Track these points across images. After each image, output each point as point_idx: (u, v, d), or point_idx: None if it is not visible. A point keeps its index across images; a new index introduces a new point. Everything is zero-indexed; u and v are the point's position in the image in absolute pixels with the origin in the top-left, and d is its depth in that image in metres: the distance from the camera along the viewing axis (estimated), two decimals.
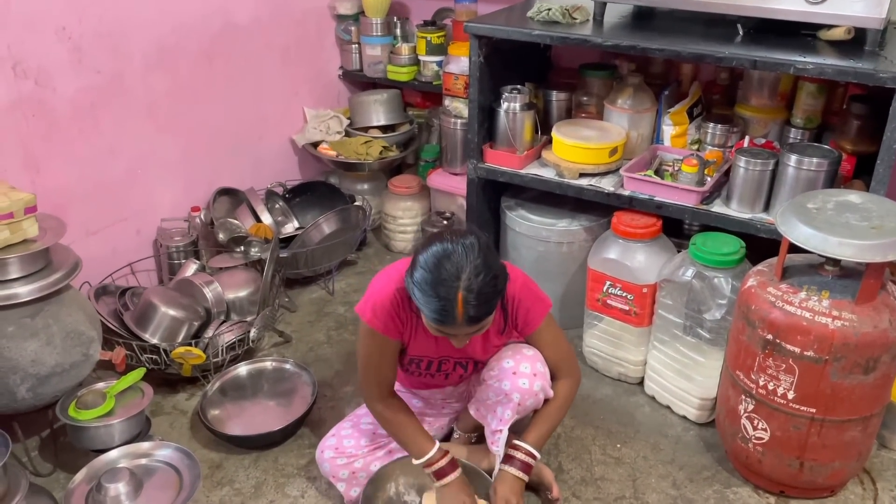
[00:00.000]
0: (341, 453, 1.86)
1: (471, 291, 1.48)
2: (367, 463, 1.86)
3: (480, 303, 1.49)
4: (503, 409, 1.78)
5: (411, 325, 1.72)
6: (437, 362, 1.83)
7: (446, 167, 3.04)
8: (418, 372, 1.86)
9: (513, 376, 1.76)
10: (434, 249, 1.52)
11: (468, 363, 1.86)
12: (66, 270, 1.94)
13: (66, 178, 2.35)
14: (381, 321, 1.68)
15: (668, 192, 2.24)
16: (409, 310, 1.69)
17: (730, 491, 1.96)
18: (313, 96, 3.25)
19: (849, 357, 1.68)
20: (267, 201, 2.91)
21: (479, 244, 1.52)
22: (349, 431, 1.90)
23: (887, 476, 2.01)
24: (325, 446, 1.88)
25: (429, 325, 1.60)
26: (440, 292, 1.48)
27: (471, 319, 1.51)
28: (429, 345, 1.77)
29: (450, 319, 1.50)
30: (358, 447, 1.87)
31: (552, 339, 1.81)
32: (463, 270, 1.48)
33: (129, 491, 1.75)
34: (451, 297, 1.47)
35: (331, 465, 1.85)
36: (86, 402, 1.92)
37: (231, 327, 2.35)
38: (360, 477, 1.86)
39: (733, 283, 2.03)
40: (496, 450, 1.79)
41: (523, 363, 1.77)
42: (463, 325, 1.52)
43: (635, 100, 2.46)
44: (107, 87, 2.39)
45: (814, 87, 2.29)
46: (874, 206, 1.75)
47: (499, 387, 1.78)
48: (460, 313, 1.49)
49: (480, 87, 2.46)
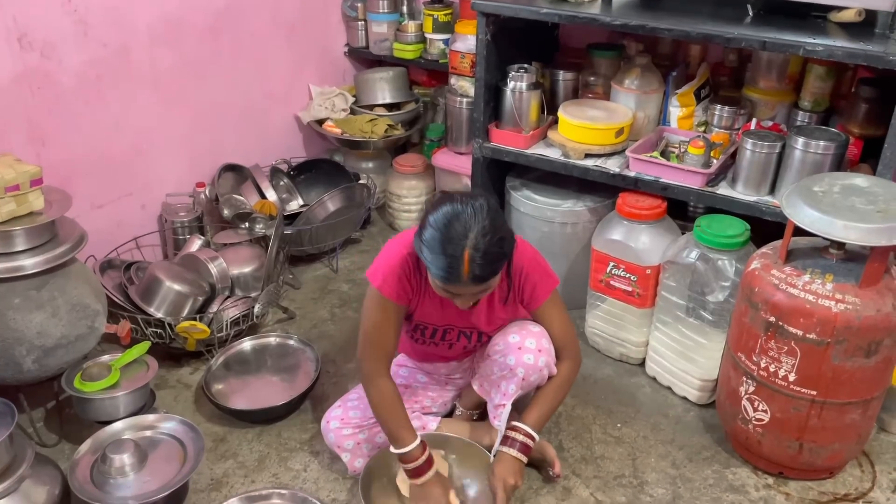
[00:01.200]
0: (347, 423, 1.87)
1: (477, 250, 1.50)
2: (371, 435, 1.87)
3: (486, 262, 1.52)
4: (507, 383, 1.80)
5: (419, 290, 1.75)
6: (441, 331, 1.85)
7: (451, 146, 3.03)
8: (423, 340, 1.88)
9: (518, 351, 1.77)
10: (444, 209, 1.55)
11: (472, 333, 1.87)
12: (72, 243, 1.95)
13: (71, 152, 2.35)
14: (389, 285, 1.71)
15: (673, 174, 2.24)
16: (418, 275, 1.72)
17: (729, 471, 1.98)
18: (319, 73, 3.23)
19: (851, 340, 1.69)
20: (272, 178, 2.91)
21: (487, 206, 1.55)
22: (355, 403, 1.91)
23: (886, 459, 2.02)
24: (330, 416, 1.90)
25: (435, 286, 1.63)
26: (447, 250, 1.51)
27: (476, 278, 1.53)
28: (434, 311, 1.79)
29: (455, 277, 1.53)
30: (364, 419, 1.88)
31: (557, 316, 1.82)
32: (471, 230, 1.51)
33: (133, 462, 1.77)
34: (458, 254, 1.50)
35: (336, 436, 1.87)
36: (91, 374, 1.94)
37: (235, 303, 2.36)
38: (365, 448, 1.87)
39: (737, 265, 2.03)
40: (498, 424, 1.80)
41: (529, 339, 1.79)
42: (468, 284, 1.55)
43: (642, 80, 2.45)
44: (112, 61, 2.39)
45: (822, 70, 2.27)
46: (881, 190, 1.75)
47: (503, 362, 1.79)
48: (466, 271, 1.51)
49: (487, 65, 2.44)
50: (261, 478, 1.95)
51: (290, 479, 1.94)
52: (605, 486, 1.92)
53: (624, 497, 1.90)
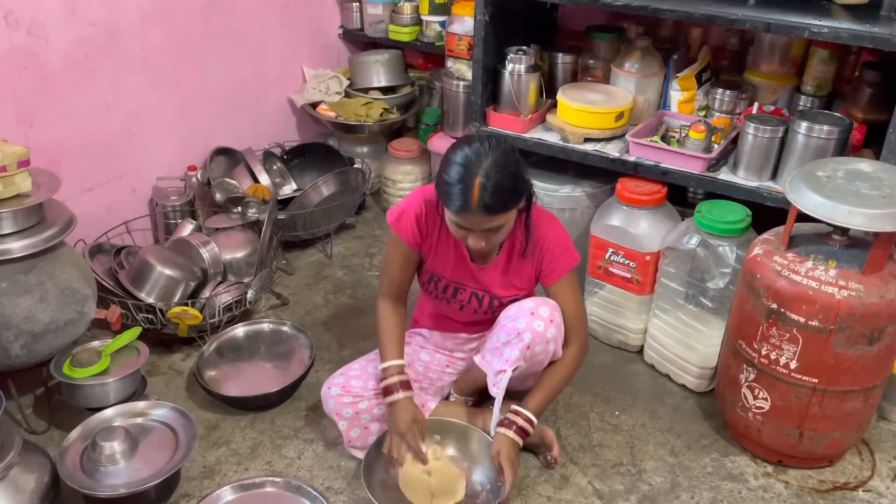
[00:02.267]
0: (348, 392, 1.86)
1: (488, 179, 1.57)
2: (371, 405, 1.86)
3: (496, 192, 1.57)
4: (511, 349, 1.76)
5: (432, 236, 1.82)
6: (453, 287, 1.86)
7: (448, 131, 2.99)
8: (436, 294, 1.89)
9: (530, 316, 1.76)
10: (462, 143, 1.64)
11: (484, 297, 1.86)
12: (60, 227, 1.91)
13: (60, 133, 2.30)
14: (402, 226, 1.80)
15: (674, 159, 2.20)
16: (433, 219, 1.80)
17: (727, 459, 1.96)
18: (313, 56, 3.18)
19: (854, 327, 1.67)
20: (265, 162, 2.86)
21: (504, 146, 1.63)
22: (357, 372, 1.90)
23: (885, 447, 2.01)
24: (332, 383, 1.88)
25: (449, 223, 1.68)
26: (460, 177, 1.58)
27: (485, 207, 1.58)
28: (447, 264, 1.84)
29: (466, 205, 1.58)
30: (364, 388, 1.87)
31: (571, 297, 1.82)
32: (484, 159, 1.58)
33: (124, 449, 1.74)
34: (469, 182, 1.57)
35: (336, 403, 1.85)
36: (80, 360, 1.90)
37: (228, 288, 2.32)
38: (363, 419, 1.85)
39: (738, 251, 2.00)
40: (496, 392, 1.77)
41: (543, 307, 1.77)
42: (478, 213, 1.59)
43: (643, 64, 2.41)
44: (101, 40, 2.33)
45: (825, 54, 2.24)
46: (885, 175, 1.72)
47: (512, 326, 1.77)
48: (475, 198, 1.56)
49: (485, 47, 2.40)
50: (254, 465, 1.92)
51: (283, 467, 1.91)
52: (603, 474, 1.90)
53: (622, 485, 1.88)
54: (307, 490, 1.78)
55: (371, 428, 1.87)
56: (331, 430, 2.01)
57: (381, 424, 1.87)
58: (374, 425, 1.87)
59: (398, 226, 1.81)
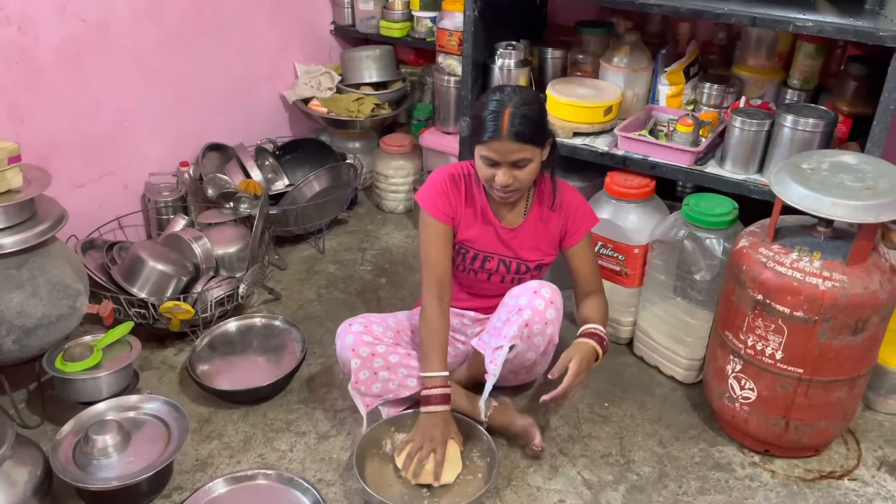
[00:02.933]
0: (369, 332, 1.90)
1: (517, 108, 1.72)
2: (387, 352, 1.88)
3: (525, 121, 1.71)
4: (510, 326, 1.80)
5: (459, 207, 1.90)
6: (482, 256, 1.93)
7: (439, 126, 3.01)
8: (463, 266, 1.96)
9: (532, 294, 1.82)
10: (494, 89, 1.80)
11: (511, 262, 1.94)
12: (52, 222, 1.92)
13: (51, 129, 2.30)
14: (432, 202, 1.87)
15: (662, 153, 2.22)
16: (458, 192, 1.89)
17: (715, 449, 1.98)
18: (304, 51, 3.19)
19: (838, 318, 1.69)
20: (257, 158, 2.87)
21: (531, 91, 1.83)
22: (378, 320, 1.97)
23: (871, 437, 2.03)
24: (354, 321, 1.92)
25: (479, 160, 1.78)
26: (491, 106, 1.73)
27: (516, 134, 1.70)
28: (475, 229, 1.91)
29: (497, 132, 1.71)
30: (384, 335, 1.93)
31: (590, 256, 1.97)
32: (514, 96, 1.74)
33: (117, 443, 1.75)
34: (500, 110, 1.72)
35: (356, 339, 1.87)
36: (73, 354, 1.91)
37: (220, 283, 2.33)
38: (377, 364, 1.87)
39: (725, 244, 2.02)
40: (493, 368, 1.79)
41: (545, 288, 1.84)
42: (509, 139, 1.71)
43: (631, 58, 2.43)
44: (92, 37, 2.34)
45: (812, 48, 2.26)
46: (869, 168, 1.74)
47: (514, 303, 1.82)
48: (506, 125, 1.70)
49: (475, 42, 2.42)
50: (246, 458, 1.93)
51: (275, 460, 1.93)
52: (592, 464, 1.92)
53: (611, 475, 1.90)
54: (299, 482, 1.79)
55: (380, 375, 1.88)
56: (323, 423, 2.03)
57: (389, 374, 1.88)
58: (384, 373, 1.88)
59: (428, 203, 1.87)
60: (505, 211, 1.92)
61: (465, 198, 1.90)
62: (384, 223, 3.07)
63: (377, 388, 1.89)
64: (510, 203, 1.89)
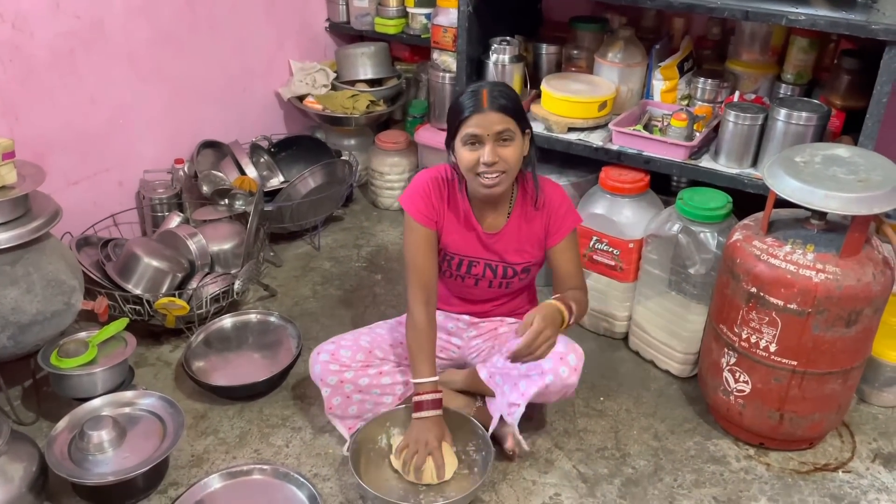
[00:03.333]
0: (336, 360, 1.87)
1: (494, 87, 1.74)
2: (356, 376, 1.88)
3: (503, 94, 1.72)
4: (528, 384, 1.77)
5: (442, 211, 1.86)
6: (466, 262, 1.89)
7: (434, 123, 3.00)
8: (450, 272, 1.92)
9: (559, 360, 1.75)
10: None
11: (497, 266, 1.89)
12: (46, 218, 1.92)
13: (45, 126, 2.30)
14: (415, 205, 1.84)
15: (656, 147, 2.23)
16: (440, 196, 1.86)
17: (710, 443, 1.99)
18: (299, 49, 3.19)
19: (831, 310, 1.69)
20: (252, 155, 2.87)
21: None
22: (348, 343, 1.92)
23: (865, 429, 2.04)
24: (322, 349, 1.90)
25: (462, 143, 1.73)
26: (468, 91, 1.74)
27: (497, 105, 1.69)
28: (460, 237, 1.87)
29: (478, 105, 1.69)
30: (353, 360, 1.89)
31: (573, 256, 1.91)
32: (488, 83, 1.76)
33: (112, 438, 1.75)
34: (478, 90, 1.72)
35: (322, 369, 1.87)
36: (68, 350, 1.91)
37: (215, 279, 2.33)
38: (347, 388, 1.87)
39: (719, 238, 2.03)
40: (511, 420, 1.80)
41: (572, 354, 1.77)
42: (490, 110, 1.69)
43: (626, 54, 2.43)
44: (86, 34, 2.34)
45: (805, 42, 2.27)
46: (861, 160, 1.75)
47: (538, 363, 1.76)
48: (485, 98, 1.69)
49: (469, 38, 2.42)
50: (242, 454, 1.93)
51: (271, 455, 1.93)
52: (588, 458, 1.93)
53: (606, 469, 1.90)
54: (295, 477, 1.79)
55: (353, 398, 1.89)
56: (319, 419, 2.03)
57: (362, 396, 1.89)
58: (357, 396, 1.89)
59: (411, 206, 1.84)
60: (487, 214, 1.86)
61: (447, 202, 1.86)
62: (379, 220, 3.07)
63: (353, 411, 1.90)
64: (493, 202, 1.83)
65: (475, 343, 2.02)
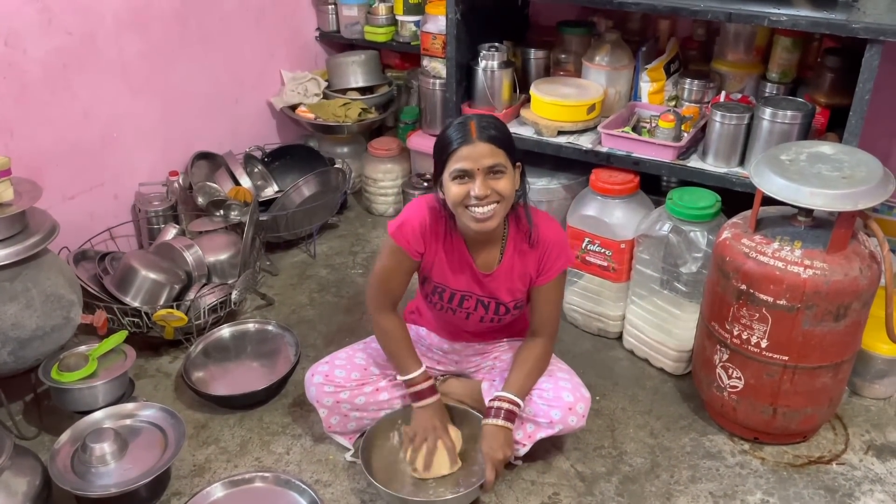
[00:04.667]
0: (330, 381, 1.88)
1: (482, 119, 1.67)
2: (352, 396, 1.89)
3: (492, 126, 1.65)
4: (536, 429, 1.83)
5: (437, 245, 1.79)
6: (458, 296, 1.85)
7: (426, 128, 3.03)
8: (440, 305, 1.88)
9: (567, 411, 1.80)
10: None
11: (490, 303, 1.85)
12: (44, 234, 1.93)
13: (40, 142, 2.32)
14: (404, 236, 1.77)
15: (645, 148, 2.26)
16: (436, 228, 1.78)
17: (705, 438, 2.01)
18: (290, 58, 3.21)
19: (820, 305, 1.72)
20: (246, 165, 2.89)
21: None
22: (342, 363, 1.92)
23: (858, 422, 2.07)
24: (315, 371, 1.91)
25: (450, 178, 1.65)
26: (455, 125, 1.67)
27: (486, 137, 1.63)
28: (451, 273, 1.82)
29: (467, 137, 1.63)
30: (347, 379, 1.89)
31: (555, 298, 1.85)
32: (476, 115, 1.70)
33: (114, 450, 1.77)
34: (465, 122, 1.66)
35: (317, 391, 1.88)
36: (68, 364, 1.93)
37: (212, 290, 2.35)
38: (344, 408, 1.89)
39: (709, 236, 2.06)
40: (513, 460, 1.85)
41: (581, 403, 1.81)
42: (479, 141, 1.62)
43: (613, 57, 2.46)
44: (78, 49, 2.36)
45: (789, 42, 2.30)
46: (846, 157, 1.78)
47: (547, 411, 1.80)
48: (474, 130, 1.63)
49: (458, 45, 2.45)
50: (243, 462, 1.95)
51: (272, 463, 1.95)
52: (585, 457, 1.95)
53: (603, 467, 1.92)
54: (296, 484, 1.81)
55: (351, 416, 1.90)
56: (318, 426, 2.04)
57: (360, 413, 1.91)
58: (354, 413, 1.90)
59: (399, 235, 1.76)
60: (481, 251, 1.80)
61: (443, 238, 1.79)
62: (374, 226, 3.09)
63: (352, 426, 1.93)
64: (485, 239, 1.77)
65: (475, 360, 2.03)
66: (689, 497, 1.84)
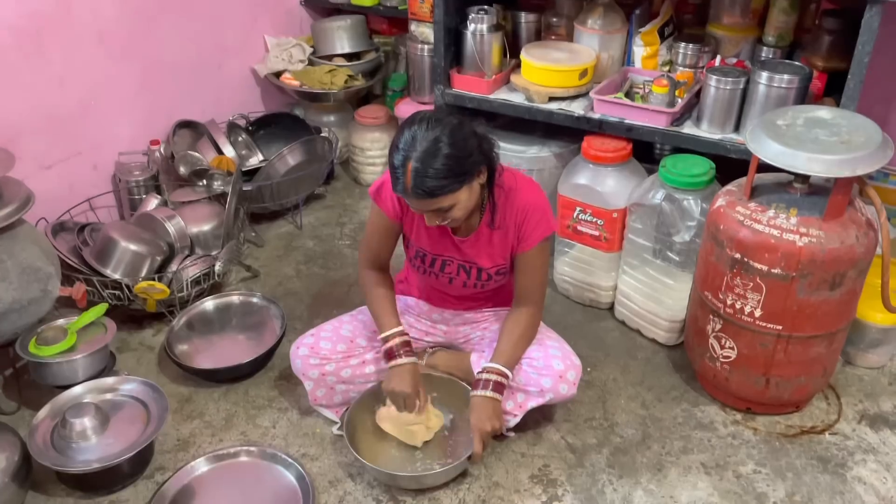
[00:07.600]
0: (315, 353, 1.85)
1: (421, 164, 1.51)
2: (338, 368, 1.86)
3: (429, 177, 1.51)
4: (527, 398, 1.80)
5: (412, 211, 1.75)
6: (440, 260, 1.83)
7: (414, 96, 2.97)
8: (423, 268, 1.86)
9: (558, 379, 1.77)
10: (406, 124, 1.56)
11: (472, 269, 1.82)
12: (18, 204, 1.87)
13: (14, 110, 2.24)
14: (382, 197, 1.78)
15: (638, 115, 2.20)
16: None
17: (697, 409, 1.99)
18: (274, 24, 3.12)
19: (815, 273, 1.69)
20: (229, 134, 2.82)
21: (447, 127, 1.54)
22: (328, 334, 1.89)
23: (851, 391, 2.05)
24: (301, 343, 1.87)
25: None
26: (394, 160, 1.55)
27: (420, 192, 1.53)
28: (431, 236, 1.80)
29: (399, 187, 1.56)
30: (333, 352, 1.86)
31: (539, 265, 1.79)
32: (419, 145, 1.51)
33: (95, 425, 1.73)
34: (404, 167, 1.53)
35: (303, 363, 1.85)
36: (46, 338, 1.88)
37: (195, 262, 2.30)
38: (329, 380, 1.86)
39: (703, 204, 2.01)
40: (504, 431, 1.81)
41: (571, 371, 1.79)
42: (413, 197, 1.55)
43: (606, 20, 2.39)
44: (52, 13, 2.27)
45: (786, 3, 2.24)
46: (844, 122, 1.73)
47: (538, 380, 1.77)
48: (409, 183, 1.53)
49: (446, 8, 2.37)
50: (228, 436, 1.92)
51: (258, 437, 1.92)
52: (576, 428, 1.93)
53: (594, 439, 1.90)
54: (282, 458, 1.79)
55: (337, 388, 1.87)
56: (305, 399, 2.00)
57: (346, 386, 1.88)
58: (340, 386, 1.87)
59: (378, 197, 1.78)
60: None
61: None
62: (362, 197, 3.04)
63: (339, 399, 1.90)
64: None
65: (463, 329, 2.00)
66: (681, 468, 1.82)
